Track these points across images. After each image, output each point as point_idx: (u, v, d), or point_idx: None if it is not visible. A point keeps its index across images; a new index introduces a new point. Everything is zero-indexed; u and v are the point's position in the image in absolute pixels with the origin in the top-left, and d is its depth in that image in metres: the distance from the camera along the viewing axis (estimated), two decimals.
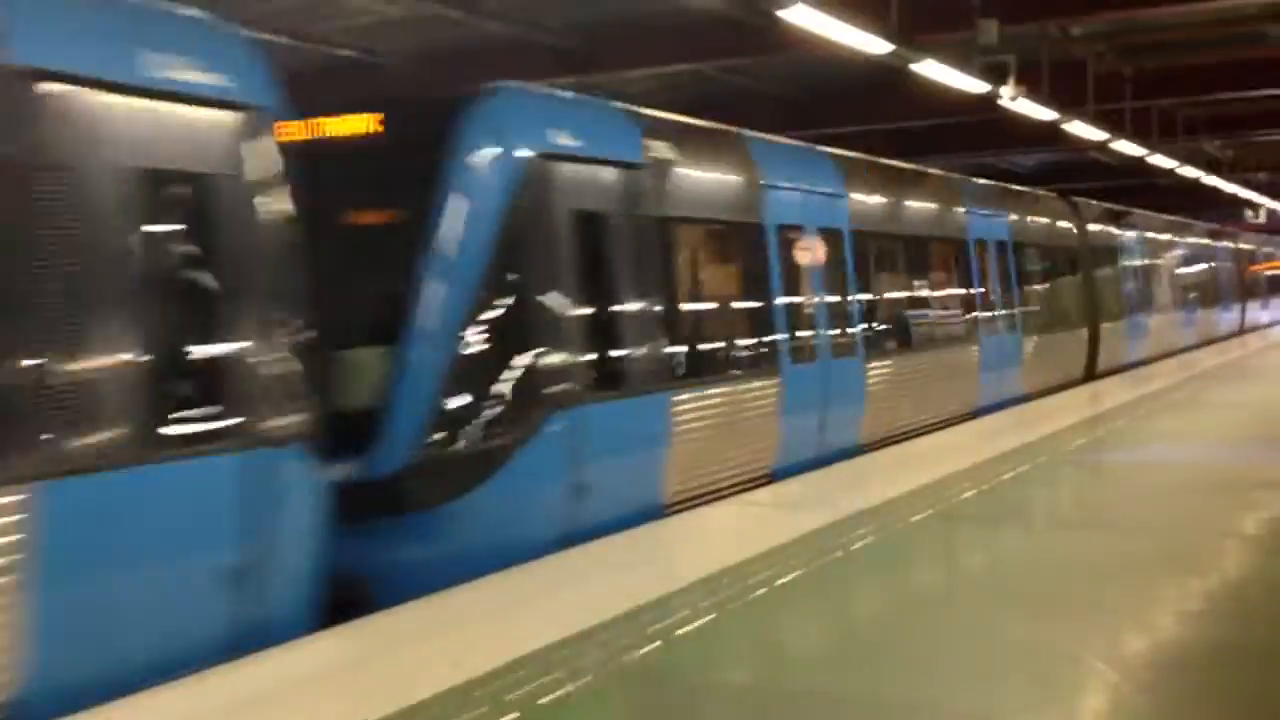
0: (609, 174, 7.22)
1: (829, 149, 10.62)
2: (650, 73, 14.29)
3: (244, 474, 4.55)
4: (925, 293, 11.87)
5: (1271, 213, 34.48)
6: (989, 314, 13.06)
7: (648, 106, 9.28)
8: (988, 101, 12.24)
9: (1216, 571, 5.68)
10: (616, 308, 7.18)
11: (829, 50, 9.80)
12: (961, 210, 12.83)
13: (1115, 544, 6.34)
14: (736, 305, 8.85)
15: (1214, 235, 26.66)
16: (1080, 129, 14.67)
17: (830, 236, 9.83)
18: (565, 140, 6.90)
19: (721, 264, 8.97)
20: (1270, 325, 31.54)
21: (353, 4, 11.49)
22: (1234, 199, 28.56)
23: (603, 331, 7.00)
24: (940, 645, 4.65)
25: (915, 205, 11.97)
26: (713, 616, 5.03)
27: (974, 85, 11.33)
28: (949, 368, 11.88)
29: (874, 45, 9.36)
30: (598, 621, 4.87)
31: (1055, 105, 13.32)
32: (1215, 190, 24.73)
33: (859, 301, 10.14)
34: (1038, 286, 14.74)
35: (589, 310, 6.87)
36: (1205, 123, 20.59)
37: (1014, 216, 14.27)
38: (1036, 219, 15.29)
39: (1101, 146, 17.06)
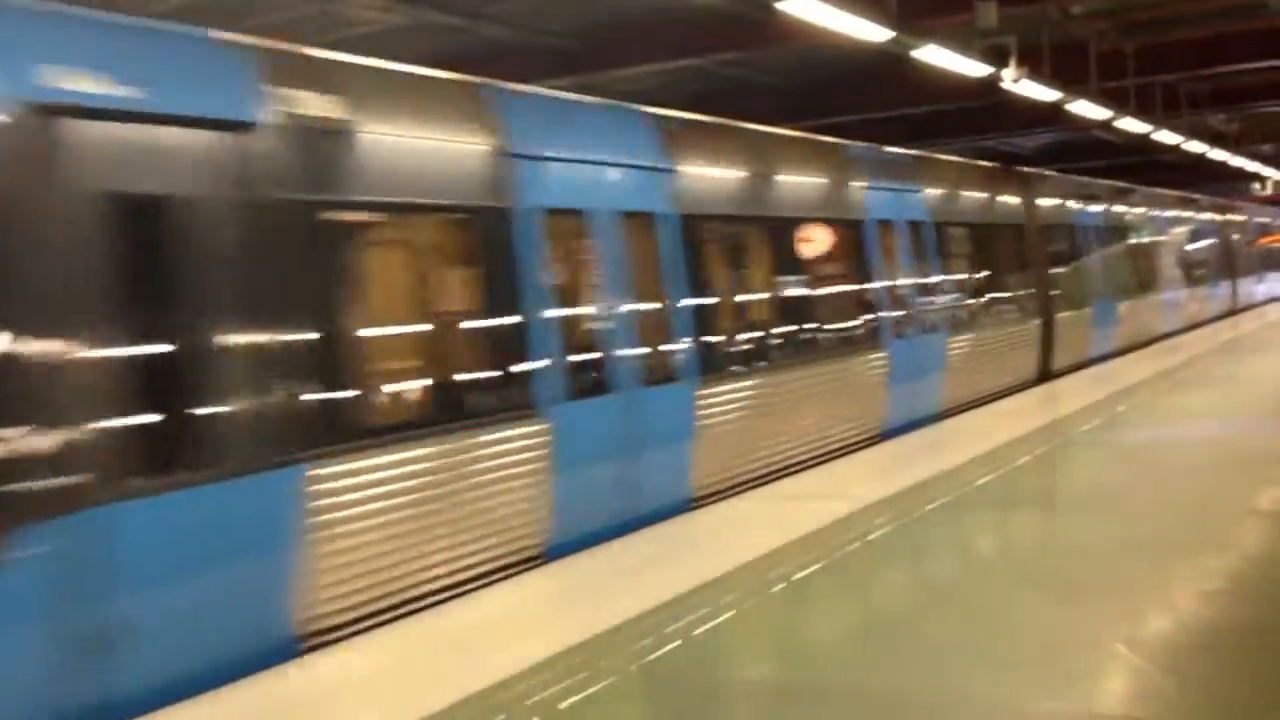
0: (183, 138, 4.74)
1: (650, 109, 8.34)
2: (651, 70, 14.32)
3: None
4: (800, 291, 9.38)
5: (1278, 184, 34.33)
6: (899, 312, 10.89)
7: (651, 104, 9.25)
8: (989, 85, 12.23)
9: (1237, 550, 5.67)
10: (186, 348, 4.64)
11: (828, 40, 9.80)
12: (858, 185, 10.62)
13: (1135, 525, 6.34)
14: (472, 336, 6.35)
15: (1196, 206, 24.62)
16: (1084, 108, 14.64)
17: (638, 224, 7.55)
18: (92, 82, 4.44)
19: (435, 278, 6.39)
20: (1267, 302, 29.64)
21: (353, 14, 11.54)
22: (1240, 172, 28.42)
23: (163, 386, 4.55)
24: (962, 633, 4.66)
25: (786, 180, 9.51)
26: (731, 614, 5.05)
27: (975, 69, 11.31)
28: (838, 385, 9.62)
29: (873, 33, 9.35)
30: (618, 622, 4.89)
31: (1058, 85, 13.29)
32: (1222, 164, 24.63)
33: (685, 307, 7.82)
34: (969, 275, 12.65)
35: (133, 352, 4.45)
36: (1209, 97, 20.53)
37: (935, 191, 12.20)
38: (967, 194, 13.17)
39: (1105, 125, 17.01)
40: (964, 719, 3.82)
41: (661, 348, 7.61)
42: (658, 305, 7.62)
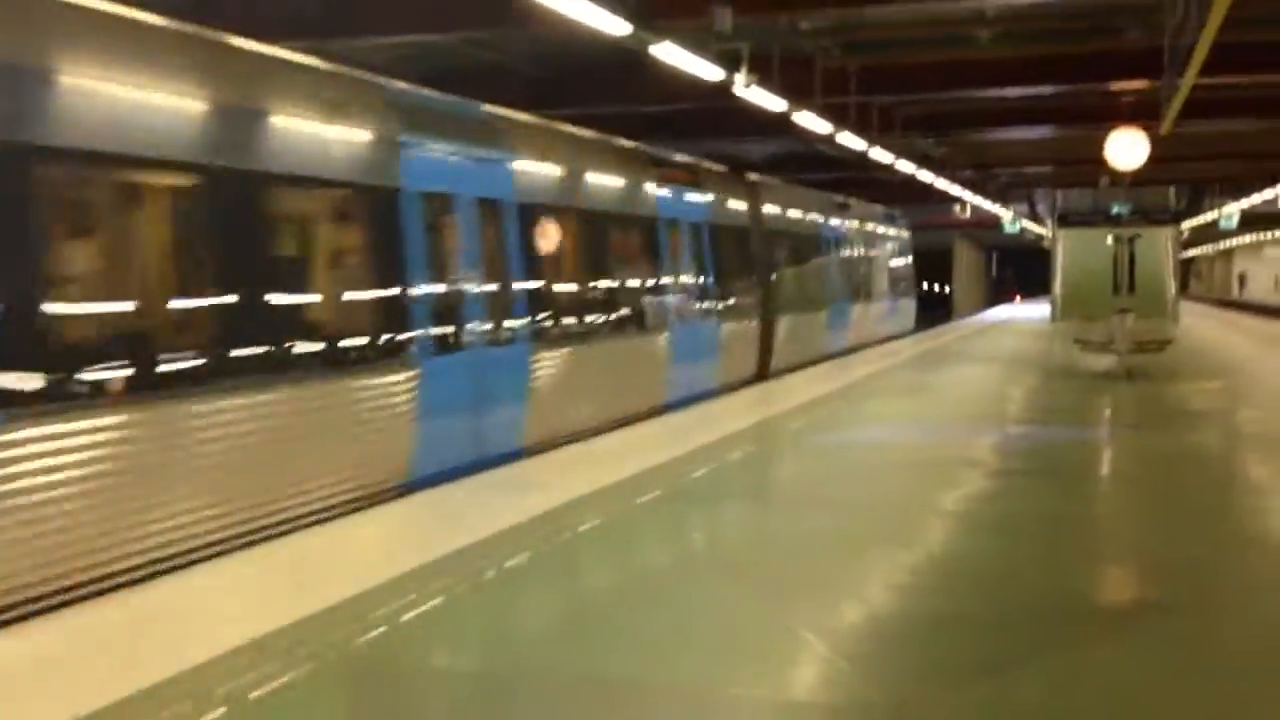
0: None
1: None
2: (392, 41, 13.95)
3: None
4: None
5: (975, 208, 37.14)
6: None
7: (391, 78, 9.04)
8: (723, 89, 12.59)
9: (921, 546, 6.05)
10: None
11: (571, 29, 9.81)
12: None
13: (832, 521, 6.68)
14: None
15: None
16: (808, 120, 15.30)
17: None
18: None
19: None
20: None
21: None
22: (945, 195, 30.52)
23: None
24: (665, 622, 4.76)
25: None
26: (441, 600, 4.98)
27: (710, 72, 11.62)
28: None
29: (612, 25, 9.43)
30: (324, 607, 4.74)
31: (785, 96, 13.84)
32: (929, 186, 26.38)
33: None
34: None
35: None
36: (920, 120, 21.91)
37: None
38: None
39: (828, 139, 17.87)
40: (661, 701, 3.90)
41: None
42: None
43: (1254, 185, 32.92)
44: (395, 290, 8.07)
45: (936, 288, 55.20)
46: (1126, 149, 17.63)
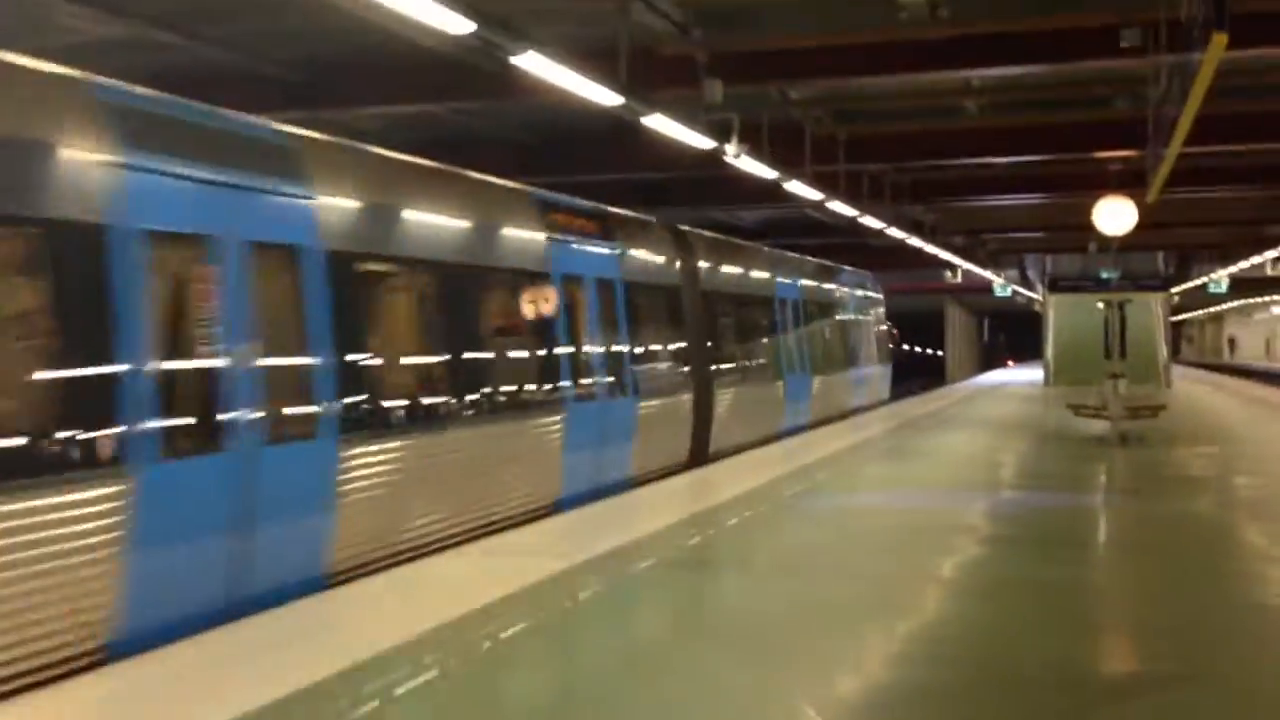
0: None
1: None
2: (380, 111, 14.09)
3: None
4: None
5: (966, 273, 37.36)
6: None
7: (379, 145, 9.08)
8: (714, 157, 12.71)
9: (917, 614, 5.99)
10: None
11: (562, 98, 9.91)
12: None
13: (825, 588, 6.61)
14: None
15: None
16: (798, 188, 15.43)
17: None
18: None
19: None
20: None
21: (63, 22, 10.77)
22: (935, 259, 30.74)
23: None
24: (660, 693, 4.68)
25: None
26: (434, 674, 4.90)
27: (701, 141, 11.72)
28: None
29: (605, 97, 9.53)
30: (315, 681, 4.65)
31: (775, 164, 13.96)
32: (920, 251, 26.57)
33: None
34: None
35: None
36: (909, 188, 22.12)
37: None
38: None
39: (818, 206, 18.01)
40: None
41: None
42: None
43: (1241, 251, 33.21)
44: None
45: (930, 351, 55.41)
46: (1114, 216, 17.78)
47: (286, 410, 6.87)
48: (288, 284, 6.98)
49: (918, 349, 55.65)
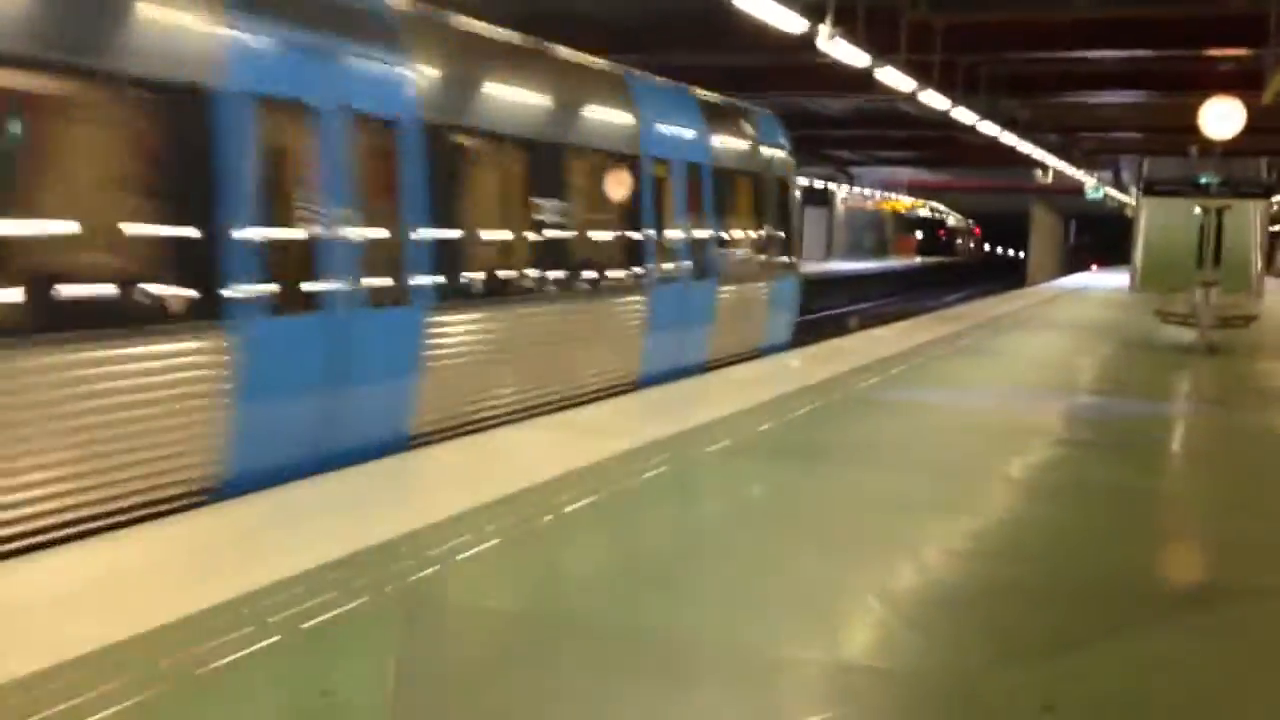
0: None
1: None
2: None
3: None
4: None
5: (1057, 173, 36.33)
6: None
7: (479, 19, 8.86)
8: (807, 42, 12.35)
9: (986, 513, 5.94)
10: None
11: None
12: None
13: (898, 482, 6.58)
14: None
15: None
16: (891, 76, 14.99)
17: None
18: None
19: None
20: None
21: None
22: (1028, 158, 29.90)
23: None
24: (723, 576, 4.72)
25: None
26: (496, 542, 4.98)
27: (794, 23, 11.40)
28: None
29: None
30: (376, 543, 4.77)
31: (869, 50, 13.55)
32: (1011, 150, 25.82)
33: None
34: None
35: None
36: (1006, 81, 21.40)
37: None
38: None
39: (910, 97, 17.52)
40: (709, 660, 3.85)
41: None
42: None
43: None
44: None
45: (1011, 252, 54.21)
46: (1222, 118, 17.07)
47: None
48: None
49: (998, 249, 54.57)
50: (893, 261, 52.27)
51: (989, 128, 21.29)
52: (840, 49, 12.61)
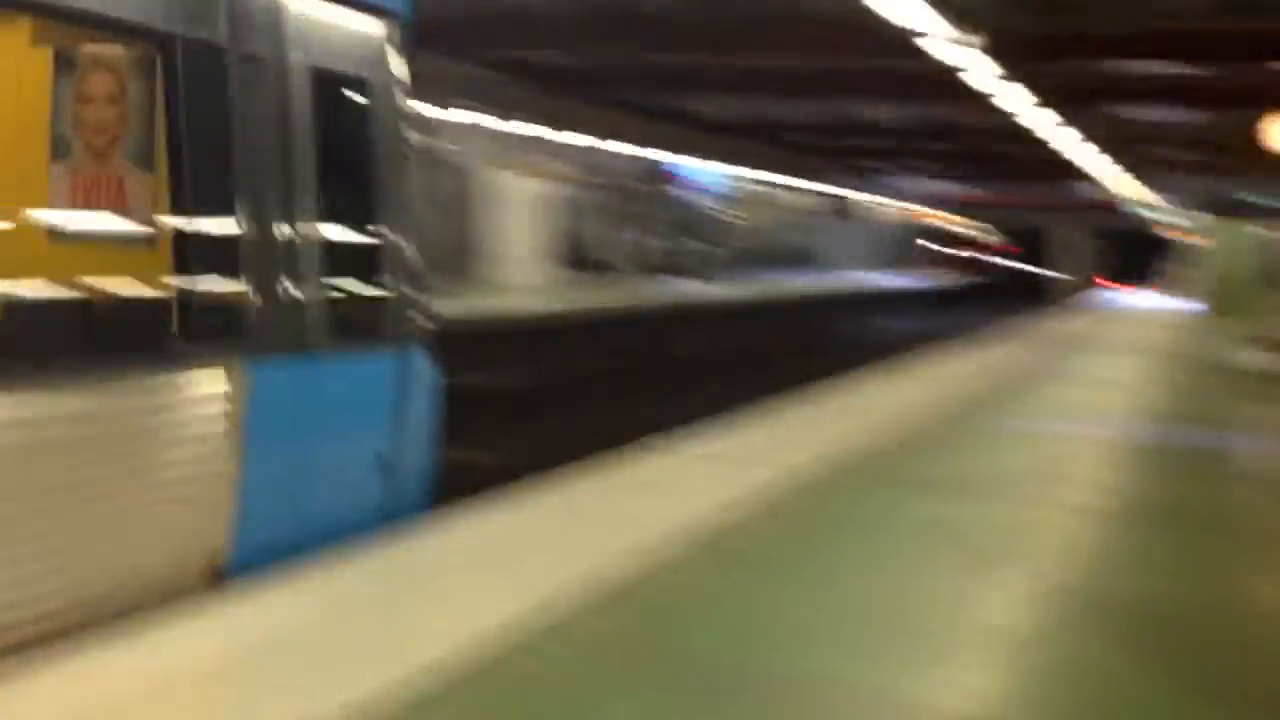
0: None
1: None
2: None
3: None
4: None
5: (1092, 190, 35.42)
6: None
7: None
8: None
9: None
10: None
11: None
12: None
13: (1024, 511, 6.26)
14: None
15: None
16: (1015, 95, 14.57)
17: None
18: None
19: None
20: None
21: None
22: (1063, 171, 29.15)
23: None
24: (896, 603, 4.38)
25: None
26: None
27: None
28: None
29: None
30: None
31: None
32: (1069, 163, 25.26)
33: None
34: None
35: None
36: (1060, 93, 20.92)
37: None
38: None
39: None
40: None
41: None
42: None
43: None
44: None
45: (1028, 268, 53.16)
46: None
47: None
48: None
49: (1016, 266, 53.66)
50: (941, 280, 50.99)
51: (1067, 135, 20.57)
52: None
